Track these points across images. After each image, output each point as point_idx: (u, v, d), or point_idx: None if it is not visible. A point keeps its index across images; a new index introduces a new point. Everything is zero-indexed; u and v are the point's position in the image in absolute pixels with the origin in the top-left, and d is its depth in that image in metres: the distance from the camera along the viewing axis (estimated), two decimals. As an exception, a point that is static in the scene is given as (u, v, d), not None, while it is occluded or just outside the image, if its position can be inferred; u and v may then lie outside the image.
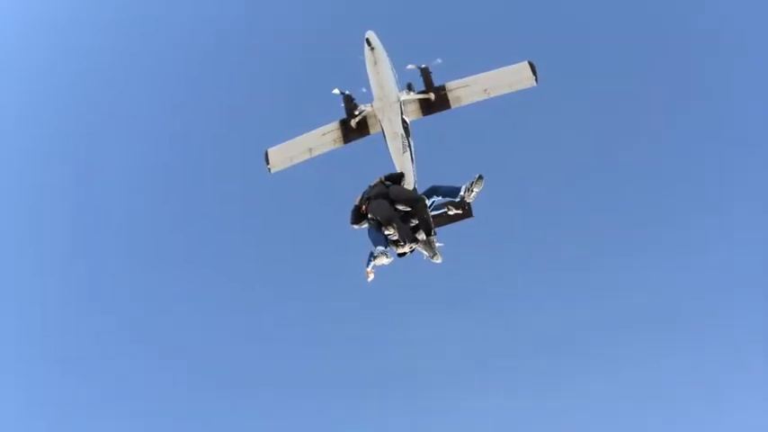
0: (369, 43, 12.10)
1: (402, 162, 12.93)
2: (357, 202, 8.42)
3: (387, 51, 12.44)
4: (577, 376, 22.31)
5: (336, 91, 13.09)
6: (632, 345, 21.88)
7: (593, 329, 22.49)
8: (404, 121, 12.96)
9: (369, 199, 8.25)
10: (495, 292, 24.19)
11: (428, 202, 8.43)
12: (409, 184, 12.40)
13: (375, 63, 12.31)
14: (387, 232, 8.02)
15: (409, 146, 13.04)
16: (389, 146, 13.02)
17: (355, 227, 8.47)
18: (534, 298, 23.24)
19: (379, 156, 13.23)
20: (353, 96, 13.06)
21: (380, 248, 8.11)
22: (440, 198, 8.65)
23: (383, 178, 8.55)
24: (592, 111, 24.33)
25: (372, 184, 8.52)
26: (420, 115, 13.31)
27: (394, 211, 8.02)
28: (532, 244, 23.91)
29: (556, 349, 22.59)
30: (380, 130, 13.07)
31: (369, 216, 8.18)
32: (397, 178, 8.69)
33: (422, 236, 8.09)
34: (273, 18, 25.94)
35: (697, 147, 22.97)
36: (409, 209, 8.08)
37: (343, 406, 23.32)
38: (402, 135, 12.92)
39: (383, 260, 8.18)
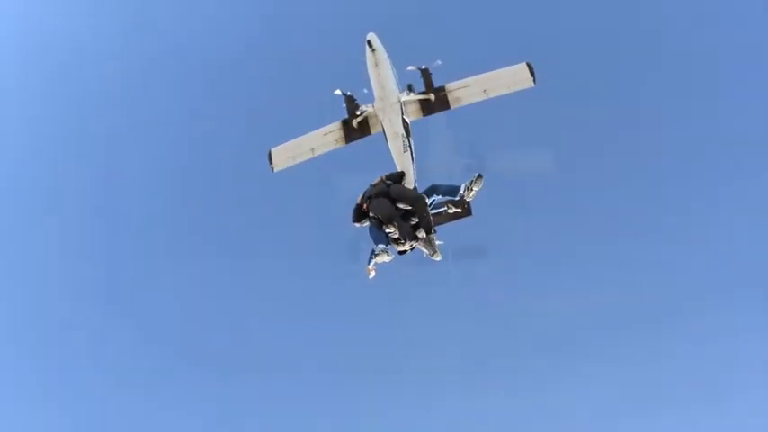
0: (370, 45, 12.23)
1: (402, 161, 13.07)
2: (358, 201, 8.52)
3: (387, 53, 12.58)
4: (577, 376, 22.32)
5: (338, 92, 13.25)
6: (632, 345, 21.92)
7: (593, 329, 22.49)
8: (404, 122, 13.10)
9: (370, 198, 8.35)
10: (495, 292, 24.21)
11: (428, 201, 8.56)
12: (410, 183, 12.53)
13: (376, 64, 12.45)
14: (388, 230, 8.12)
15: (410, 146, 13.18)
16: (390, 146, 13.15)
17: (357, 225, 8.57)
18: (534, 298, 23.25)
19: (379, 155, 13.39)
20: (355, 97, 13.23)
21: (381, 246, 8.27)
22: (440, 197, 8.81)
23: (384, 177, 8.67)
24: (591, 111, 24.36)
25: (373, 183, 8.63)
26: (420, 116, 13.43)
27: (395, 210, 8.13)
28: (532, 243, 23.92)
29: (556, 349, 22.56)
30: (381, 130, 13.21)
31: (370, 214, 8.29)
32: (398, 177, 8.80)
33: (422, 234, 8.20)
34: (275, 19, 26.02)
35: (697, 147, 23.01)
36: (410, 207, 8.18)
37: (342, 406, 23.35)
38: (403, 135, 13.06)
39: (384, 258, 8.35)
